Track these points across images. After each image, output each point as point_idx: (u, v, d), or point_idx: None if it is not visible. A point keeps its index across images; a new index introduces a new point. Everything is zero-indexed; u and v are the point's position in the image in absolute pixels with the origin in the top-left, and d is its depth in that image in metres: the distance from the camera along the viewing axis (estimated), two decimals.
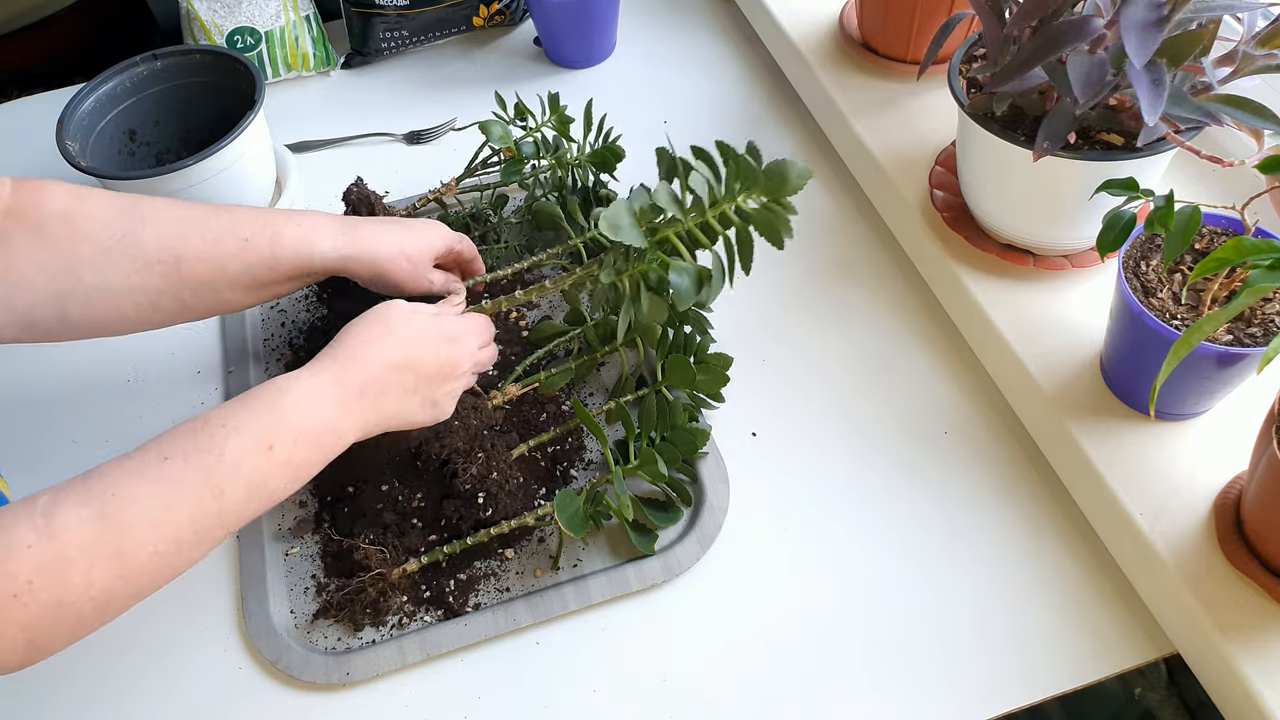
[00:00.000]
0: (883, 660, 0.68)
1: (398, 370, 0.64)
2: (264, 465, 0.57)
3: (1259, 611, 0.61)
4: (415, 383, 0.65)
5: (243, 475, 0.56)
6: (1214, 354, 0.61)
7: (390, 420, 0.65)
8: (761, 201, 0.64)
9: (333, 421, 0.61)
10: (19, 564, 0.49)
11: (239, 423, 0.57)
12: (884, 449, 0.78)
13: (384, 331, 0.65)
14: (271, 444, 0.57)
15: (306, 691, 0.68)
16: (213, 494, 0.55)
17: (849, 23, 1.02)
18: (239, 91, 0.94)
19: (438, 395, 0.67)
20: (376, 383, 0.63)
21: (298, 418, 0.59)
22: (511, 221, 0.94)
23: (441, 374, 0.66)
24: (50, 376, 0.88)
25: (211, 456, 0.55)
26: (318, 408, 0.60)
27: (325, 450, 0.61)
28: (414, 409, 0.66)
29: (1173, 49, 0.62)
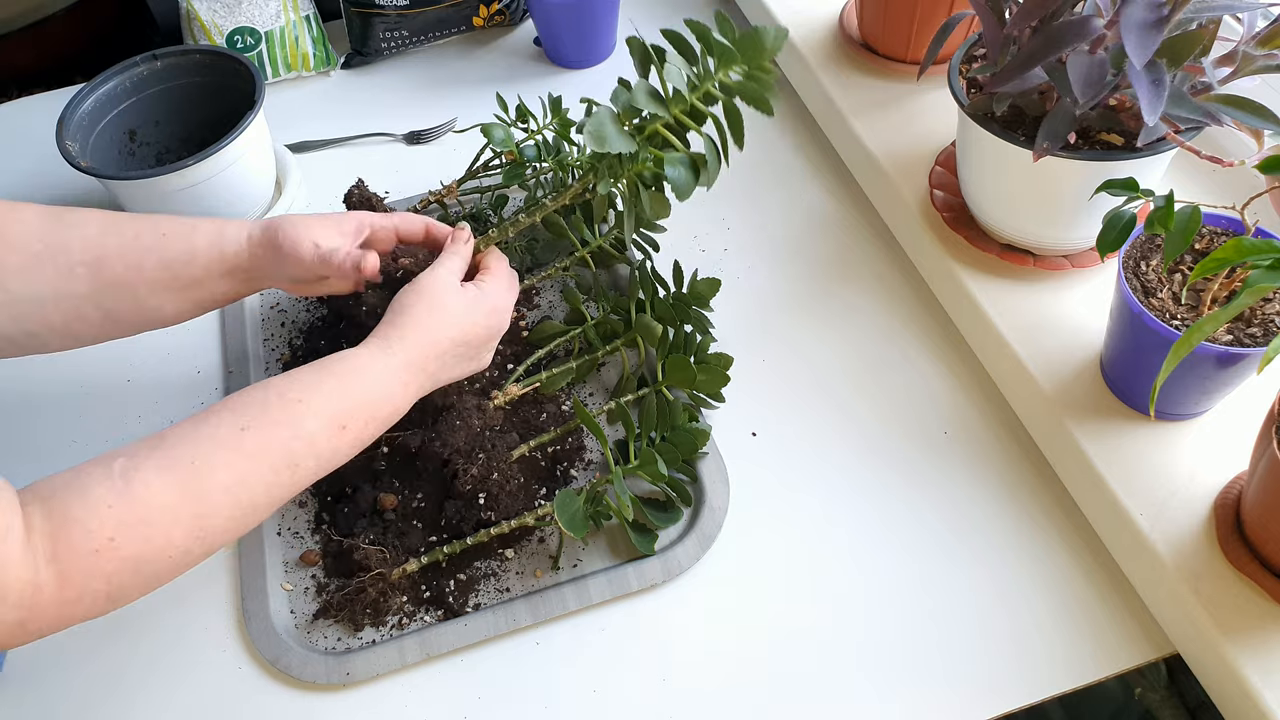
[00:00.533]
0: (882, 660, 0.68)
1: (455, 345, 0.68)
2: (336, 443, 0.61)
3: (1259, 611, 0.61)
4: (469, 351, 0.70)
5: (316, 451, 0.60)
6: (1214, 354, 0.61)
7: (443, 382, 0.70)
8: (742, 71, 0.62)
9: (399, 400, 0.65)
10: (100, 522, 0.51)
11: (317, 403, 0.60)
12: (884, 449, 0.78)
13: (441, 308, 0.68)
14: (345, 424, 0.61)
15: (306, 691, 0.68)
16: (288, 467, 0.58)
17: (849, 23, 1.02)
18: (239, 91, 0.94)
19: (482, 358, 0.72)
20: (438, 360, 0.67)
21: (371, 400, 0.63)
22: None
23: (490, 339, 0.71)
24: (50, 377, 0.88)
25: (288, 433, 0.59)
26: (389, 390, 0.64)
27: (386, 424, 0.65)
28: (464, 369, 0.71)
29: (1173, 49, 0.62)
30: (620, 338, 0.82)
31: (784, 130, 1.05)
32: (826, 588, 0.71)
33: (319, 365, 0.63)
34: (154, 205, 0.91)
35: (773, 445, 0.79)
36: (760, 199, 0.98)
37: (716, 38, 0.62)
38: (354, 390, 0.62)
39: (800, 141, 1.04)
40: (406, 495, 0.75)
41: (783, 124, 1.06)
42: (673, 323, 0.82)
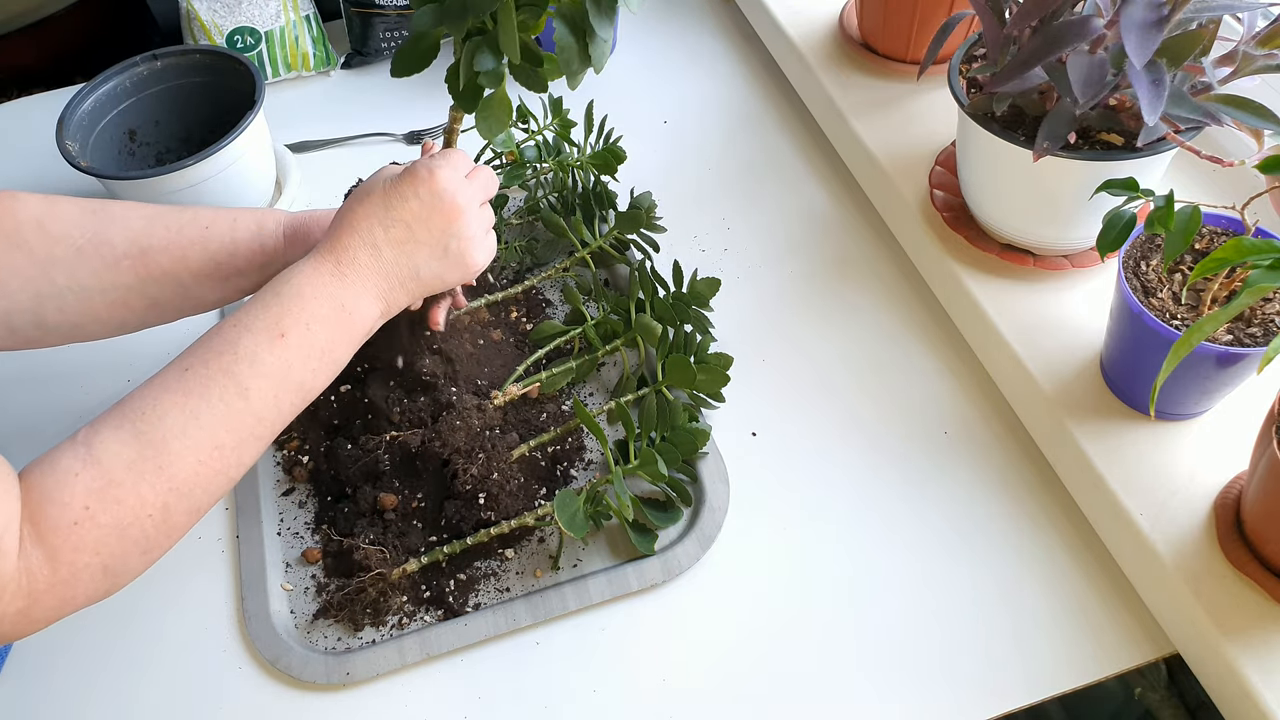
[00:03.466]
0: (882, 660, 0.68)
1: (383, 225, 0.63)
2: (282, 354, 0.58)
3: (1259, 611, 0.61)
4: (409, 232, 0.64)
5: (262, 369, 0.57)
6: (1214, 354, 0.61)
7: (407, 281, 0.64)
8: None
9: (338, 294, 0.61)
10: (71, 493, 0.51)
11: (249, 320, 0.58)
12: (884, 449, 0.78)
13: (363, 196, 0.64)
14: (283, 332, 0.58)
15: (306, 691, 0.68)
16: (238, 393, 0.56)
17: (849, 23, 1.02)
18: (239, 91, 0.94)
19: (445, 240, 0.65)
20: (365, 244, 0.62)
21: (303, 301, 0.60)
22: (512, 222, 0.94)
23: (434, 215, 0.64)
24: (50, 378, 0.88)
25: (228, 357, 0.57)
26: (319, 284, 0.61)
27: (344, 328, 0.61)
28: (425, 261, 0.64)
29: (1173, 49, 0.62)
30: (620, 338, 0.83)
31: (784, 130, 1.05)
32: (826, 587, 0.71)
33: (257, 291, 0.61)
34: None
35: (773, 445, 0.79)
36: (760, 199, 0.98)
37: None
38: (283, 296, 0.60)
39: (800, 141, 1.04)
40: (406, 495, 0.75)
41: (783, 124, 1.06)
42: (673, 323, 0.82)
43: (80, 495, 0.51)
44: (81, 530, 0.51)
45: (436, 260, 0.65)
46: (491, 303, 0.87)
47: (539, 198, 0.93)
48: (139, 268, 0.67)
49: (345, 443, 0.78)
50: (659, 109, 1.08)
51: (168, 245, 0.68)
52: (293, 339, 0.58)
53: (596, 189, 0.92)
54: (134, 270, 0.67)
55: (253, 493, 0.78)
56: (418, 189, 0.64)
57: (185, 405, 0.55)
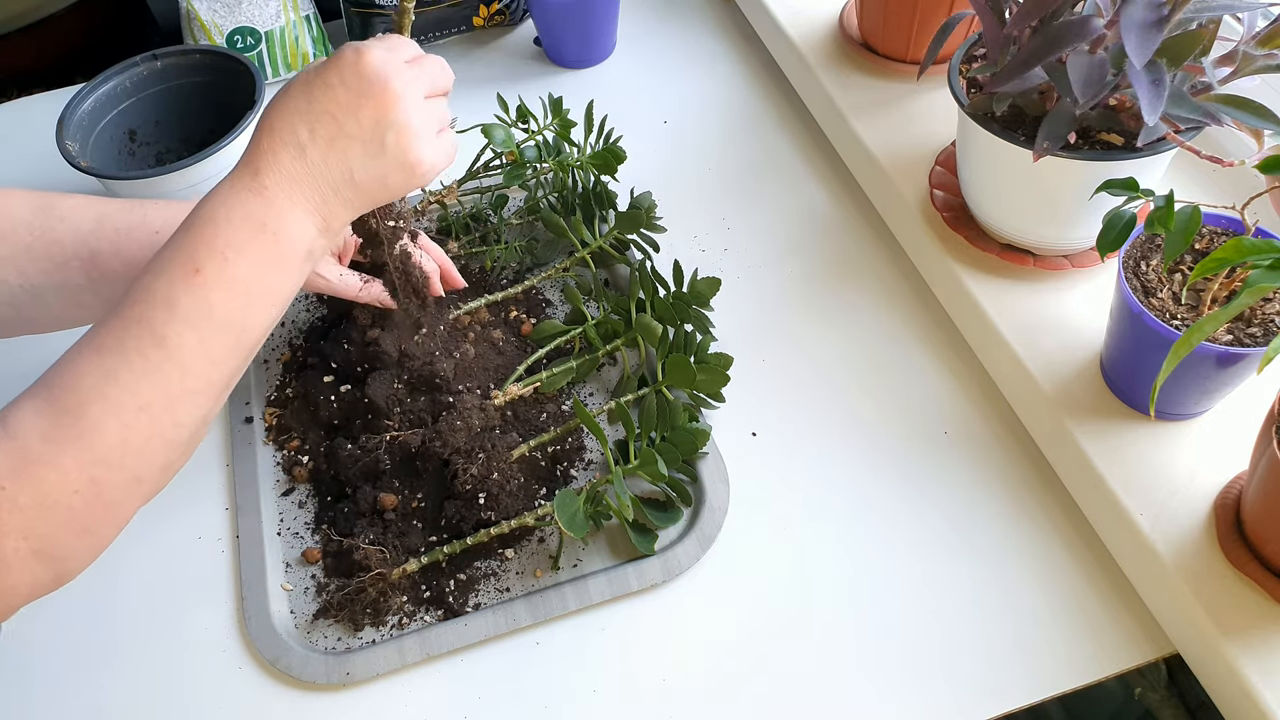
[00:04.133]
0: (882, 660, 0.68)
1: (309, 120, 0.54)
2: (200, 293, 0.50)
3: (1259, 611, 0.61)
4: (336, 124, 0.54)
5: (180, 313, 0.49)
6: (1214, 354, 0.61)
7: (340, 185, 0.55)
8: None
9: (257, 213, 0.52)
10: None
11: (162, 260, 0.51)
12: (884, 449, 0.78)
13: (283, 92, 0.55)
14: (198, 266, 0.50)
15: (306, 691, 0.68)
16: (155, 343, 0.49)
17: (849, 23, 1.02)
18: (239, 91, 0.94)
19: (383, 133, 0.55)
20: (289, 144, 0.53)
21: (216, 227, 0.51)
22: (512, 222, 0.94)
23: (363, 102, 0.54)
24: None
25: (142, 305, 0.50)
26: (234, 205, 0.52)
27: (270, 252, 0.52)
28: (360, 158, 0.55)
29: (1173, 49, 0.62)
30: (620, 338, 0.83)
31: (784, 130, 1.05)
32: (826, 587, 0.71)
33: None
34: None
35: (773, 445, 0.79)
36: (760, 199, 0.98)
37: None
38: (195, 223, 0.51)
39: (800, 141, 1.04)
40: (406, 495, 0.75)
41: (783, 124, 1.06)
42: (673, 322, 0.82)
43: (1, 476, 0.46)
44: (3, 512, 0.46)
45: (373, 159, 0.55)
46: (491, 303, 0.87)
47: (539, 198, 0.93)
48: (89, 269, 0.65)
49: (345, 443, 0.78)
50: (659, 109, 1.08)
51: (117, 249, 0.65)
52: (209, 273, 0.50)
53: (596, 189, 0.92)
54: (84, 271, 0.65)
55: (253, 493, 0.78)
56: (343, 73, 0.54)
57: (101, 364, 0.48)
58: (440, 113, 0.60)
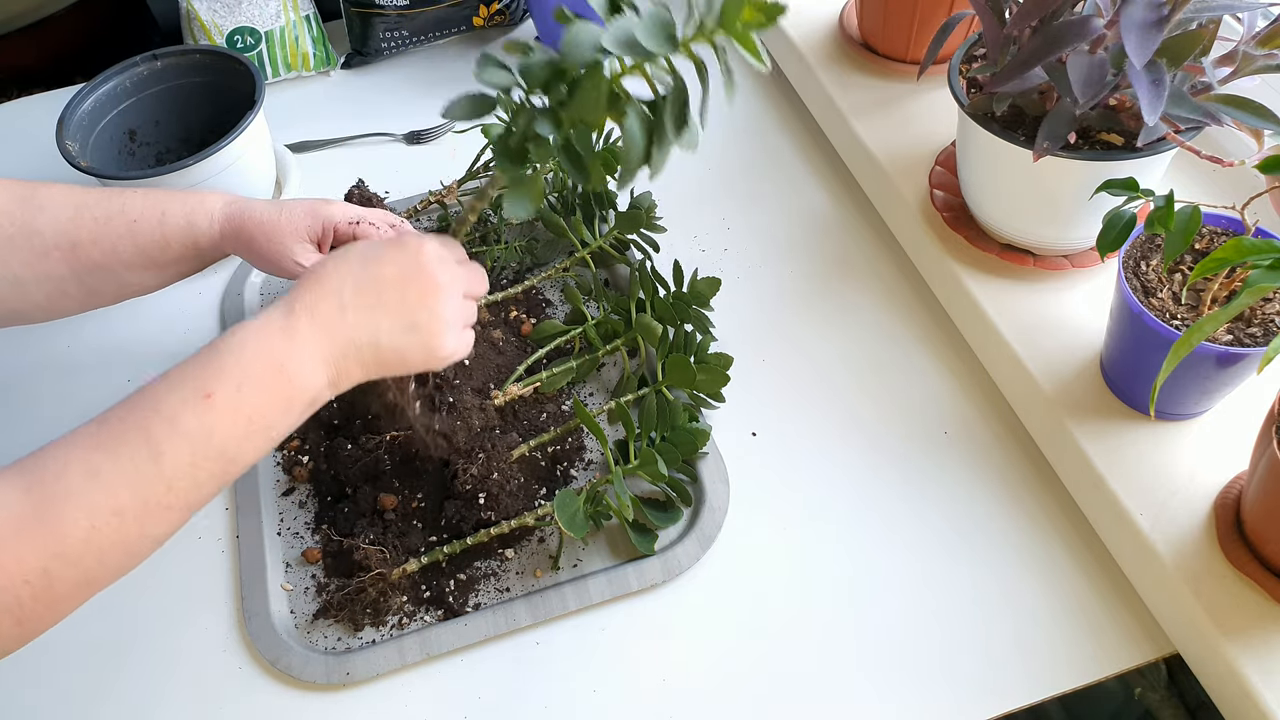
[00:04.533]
0: (882, 660, 0.68)
1: (355, 281, 0.56)
2: (206, 417, 0.50)
3: (1259, 611, 0.61)
4: (378, 295, 0.57)
5: (182, 430, 0.50)
6: (1214, 354, 0.61)
7: (364, 348, 0.56)
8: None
9: (279, 354, 0.53)
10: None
11: (179, 377, 0.52)
12: (884, 449, 0.78)
13: (340, 254, 0.59)
14: (210, 391, 0.51)
15: (306, 691, 0.68)
16: (150, 455, 0.49)
17: (849, 23, 1.02)
18: (239, 91, 0.94)
19: (416, 316, 0.58)
20: (330, 297, 0.56)
21: (240, 358, 0.52)
22: (512, 222, 0.94)
23: (409, 283, 0.57)
24: (48, 377, 0.88)
25: (147, 413, 0.50)
26: (262, 340, 0.53)
27: (281, 394, 0.53)
28: (388, 330, 0.57)
29: (1173, 49, 0.62)
30: (620, 338, 0.82)
31: (784, 130, 1.05)
32: (826, 587, 0.71)
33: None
34: None
35: (773, 445, 0.79)
36: (760, 199, 0.98)
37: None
38: (220, 351, 0.53)
39: (800, 141, 1.04)
40: (406, 495, 0.75)
41: (783, 124, 1.06)
42: (673, 322, 0.82)
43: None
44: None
45: (401, 333, 0.58)
46: (491, 303, 0.87)
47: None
48: (70, 259, 0.66)
49: (345, 443, 0.78)
50: None
51: (96, 238, 0.66)
52: (219, 400, 0.51)
53: (596, 189, 0.92)
54: (65, 261, 0.66)
55: (253, 493, 0.78)
56: (401, 253, 0.58)
57: (89, 460, 0.48)
58: (469, 312, 0.63)
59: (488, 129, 0.90)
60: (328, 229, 0.73)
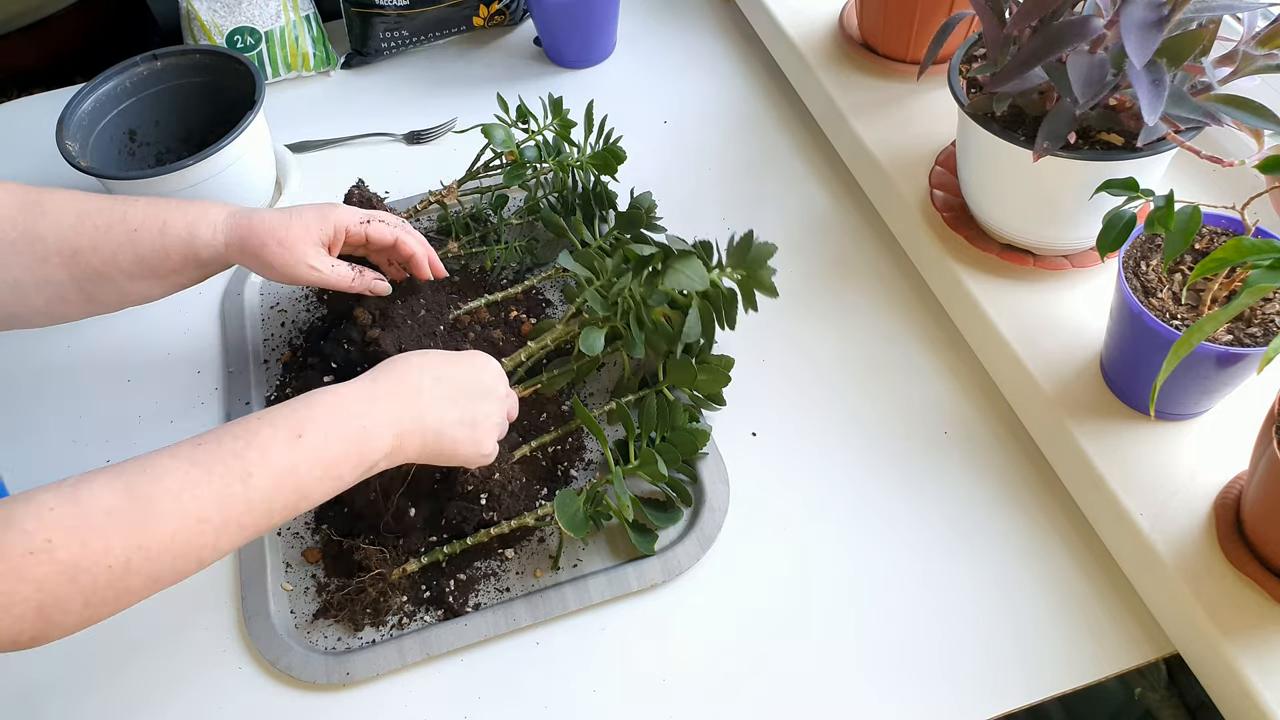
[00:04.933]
0: (882, 660, 0.68)
1: (434, 375, 0.66)
2: (293, 454, 0.57)
3: (1259, 611, 0.61)
4: (452, 392, 0.66)
5: (271, 461, 0.56)
6: (1214, 354, 0.61)
7: (429, 430, 0.64)
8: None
9: (363, 417, 0.61)
10: (39, 523, 0.49)
11: (274, 416, 0.59)
12: (884, 449, 0.78)
13: (421, 353, 0.68)
14: (301, 433, 0.58)
15: (306, 691, 0.68)
16: (239, 477, 0.55)
17: (849, 23, 1.02)
18: (239, 91, 0.94)
19: (477, 414, 0.67)
20: (411, 378, 0.65)
21: (330, 411, 0.60)
22: (512, 222, 0.94)
23: (478, 387, 0.68)
24: (49, 377, 0.88)
25: (241, 442, 0.56)
26: (351, 407, 0.61)
27: (354, 452, 0.60)
28: (453, 422, 0.65)
29: (1173, 49, 0.62)
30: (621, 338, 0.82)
31: (784, 130, 1.05)
32: (826, 587, 0.71)
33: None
34: None
35: (773, 445, 0.79)
36: (760, 199, 0.98)
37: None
38: (312, 403, 0.60)
39: (800, 141, 1.04)
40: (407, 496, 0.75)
41: (783, 124, 1.06)
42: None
43: (48, 528, 0.50)
44: (34, 561, 0.49)
45: (460, 426, 0.66)
46: (491, 303, 0.87)
47: (539, 198, 0.93)
48: (70, 266, 0.67)
49: None
50: (659, 109, 1.08)
51: (96, 246, 0.68)
52: (308, 443, 0.58)
53: (596, 189, 0.92)
54: (65, 268, 0.67)
55: None
56: (474, 363, 0.69)
57: (186, 473, 0.54)
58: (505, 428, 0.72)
59: (488, 129, 0.90)
60: (339, 232, 0.75)
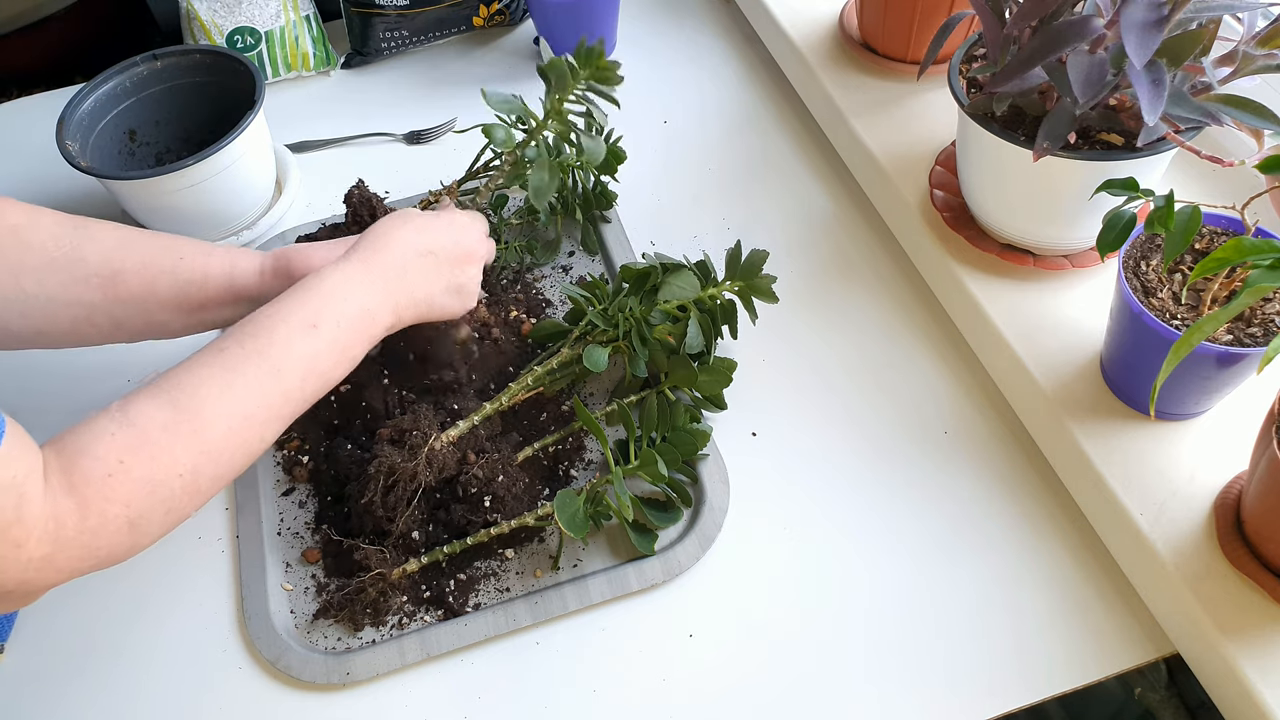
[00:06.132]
0: (882, 660, 0.68)
1: (419, 254, 0.71)
2: (312, 343, 0.63)
3: (1259, 611, 0.61)
4: (437, 265, 0.71)
5: (294, 354, 0.62)
6: (1214, 354, 0.61)
7: (420, 303, 0.70)
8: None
9: (364, 300, 0.67)
10: (107, 448, 0.54)
11: (285, 311, 0.63)
12: (884, 449, 0.78)
13: (403, 222, 0.72)
14: (316, 324, 0.63)
15: (306, 691, 0.68)
16: (270, 373, 0.60)
17: (849, 23, 1.02)
18: (239, 91, 0.94)
19: (461, 280, 0.73)
20: (399, 264, 0.69)
21: (336, 300, 0.65)
22: (512, 222, 0.94)
23: (460, 256, 0.73)
24: (50, 378, 0.88)
25: (263, 340, 0.61)
26: (351, 291, 0.66)
27: (363, 332, 0.66)
28: (440, 293, 0.72)
29: (1173, 49, 0.62)
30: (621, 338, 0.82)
31: (784, 130, 1.05)
32: (826, 587, 0.71)
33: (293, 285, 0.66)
34: (154, 205, 0.91)
35: (773, 445, 0.79)
36: (760, 199, 0.98)
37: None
38: (320, 293, 0.65)
39: (800, 141, 1.04)
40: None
41: (783, 124, 1.06)
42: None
43: (116, 450, 0.54)
44: (115, 482, 0.53)
45: (448, 294, 0.73)
46: (491, 303, 0.87)
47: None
48: (108, 288, 0.69)
49: (345, 443, 0.78)
50: (659, 109, 1.08)
51: (139, 270, 0.70)
52: (324, 332, 0.63)
53: (596, 189, 0.92)
54: (102, 289, 0.69)
55: (253, 493, 0.78)
56: (453, 229, 0.74)
57: (221, 379, 0.58)
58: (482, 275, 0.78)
59: (488, 129, 0.90)
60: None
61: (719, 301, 0.80)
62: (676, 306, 0.78)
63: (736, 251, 0.79)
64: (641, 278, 0.79)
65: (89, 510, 0.53)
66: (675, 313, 0.78)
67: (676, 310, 0.78)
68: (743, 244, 0.80)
